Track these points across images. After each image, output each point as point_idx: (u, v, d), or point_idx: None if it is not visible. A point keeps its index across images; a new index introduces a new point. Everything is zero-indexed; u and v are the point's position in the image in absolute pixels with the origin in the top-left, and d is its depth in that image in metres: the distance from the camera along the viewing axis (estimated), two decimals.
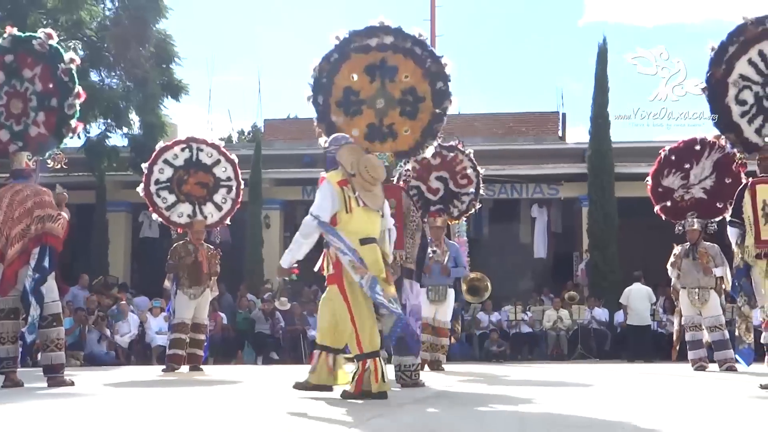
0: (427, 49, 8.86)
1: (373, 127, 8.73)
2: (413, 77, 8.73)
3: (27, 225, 8.67)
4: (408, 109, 8.74)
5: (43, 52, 9.36)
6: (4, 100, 9.36)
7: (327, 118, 8.80)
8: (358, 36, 8.76)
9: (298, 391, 7.34)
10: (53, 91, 9.31)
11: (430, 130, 8.83)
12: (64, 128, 9.37)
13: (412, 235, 8.46)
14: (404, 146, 8.82)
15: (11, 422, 5.70)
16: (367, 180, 7.06)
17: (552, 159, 23.33)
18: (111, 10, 21.35)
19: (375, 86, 8.74)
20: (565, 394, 7.99)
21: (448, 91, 8.78)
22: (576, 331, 19.62)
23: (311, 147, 24.12)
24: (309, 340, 19.56)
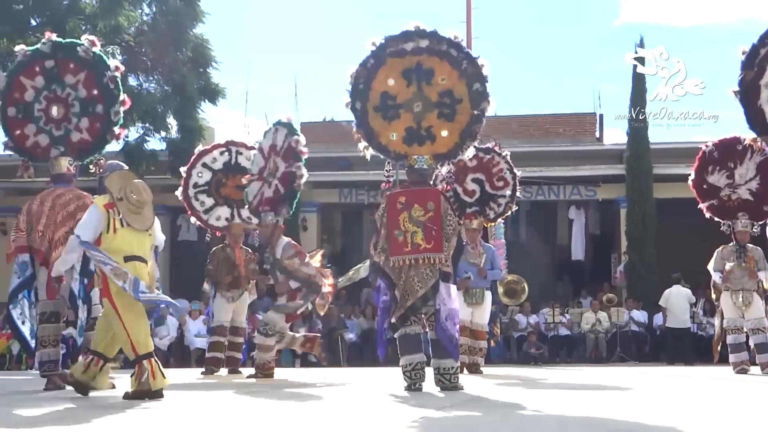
0: (463, 50, 8.80)
1: (412, 130, 8.69)
2: (450, 79, 8.68)
3: (70, 228, 8.74)
4: (446, 111, 8.68)
5: (87, 59, 9.44)
6: (43, 105, 9.44)
7: (365, 124, 8.78)
8: (393, 41, 8.72)
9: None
10: (98, 98, 9.39)
11: (469, 132, 8.77)
12: (109, 134, 9.46)
13: (449, 238, 8.45)
14: (443, 149, 8.77)
15: (53, 425, 5.75)
16: (132, 203, 7.72)
17: (589, 160, 23.20)
18: (148, 15, 21.49)
19: (412, 90, 8.69)
20: (605, 398, 7.94)
21: (486, 92, 8.71)
22: (614, 333, 19.53)
23: (348, 150, 24.15)
24: (347, 342, 19.62)
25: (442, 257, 8.34)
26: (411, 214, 8.37)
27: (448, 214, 8.49)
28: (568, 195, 23.30)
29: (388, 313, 8.50)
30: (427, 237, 8.30)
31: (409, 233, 8.33)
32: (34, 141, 9.43)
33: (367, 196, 23.03)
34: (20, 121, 9.48)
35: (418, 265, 8.29)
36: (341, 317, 20.13)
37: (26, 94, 9.47)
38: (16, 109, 9.50)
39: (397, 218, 8.40)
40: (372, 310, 20.61)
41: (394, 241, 8.38)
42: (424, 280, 8.27)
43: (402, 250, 8.33)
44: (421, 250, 8.29)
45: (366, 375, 12.86)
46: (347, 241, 25.74)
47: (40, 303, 8.94)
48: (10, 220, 23.27)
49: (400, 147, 8.72)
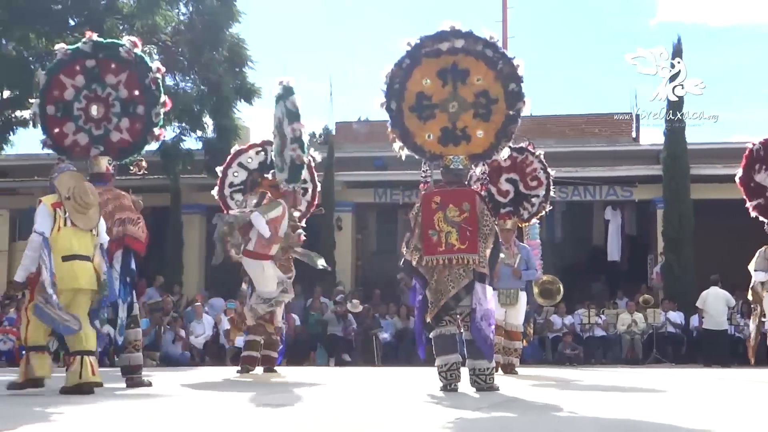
0: (498, 51, 8.79)
1: (447, 130, 8.69)
2: (485, 79, 8.67)
3: (108, 228, 8.81)
4: (481, 111, 8.68)
5: (129, 60, 9.48)
6: (83, 104, 9.49)
7: (400, 124, 8.79)
8: (429, 41, 8.73)
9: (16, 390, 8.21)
10: (139, 99, 9.43)
11: (505, 132, 8.77)
12: (149, 135, 9.51)
13: (485, 238, 8.43)
14: (478, 149, 8.77)
15: (92, 422, 5.79)
16: (80, 203, 8.12)
17: (626, 161, 23.07)
18: (185, 15, 21.59)
19: (447, 90, 8.70)
20: (641, 401, 7.89)
21: (522, 93, 8.71)
22: (651, 334, 19.38)
23: (383, 150, 24.16)
24: (381, 342, 19.62)
25: (476, 258, 8.33)
26: (446, 214, 8.37)
27: (485, 215, 8.47)
28: (604, 195, 23.17)
29: (423, 312, 8.51)
30: (462, 237, 8.30)
31: (443, 233, 8.33)
32: (73, 140, 9.48)
33: (402, 196, 23.02)
34: (59, 119, 9.53)
35: (451, 265, 8.29)
36: (376, 317, 20.14)
37: (66, 92, 9.51)
38: (55, 108, 9.55)
39: (431, 218, 8.39)
40: (407, 309, 20.60)
41: (428, 241, 8.37)
42: (457, 280, 8.27)
43: (436, 250, 8.33)
44: (455, 250, 8.29)
45: (401, 375, 12.86)
46: (382, 241, 25.75)
47: None
48: None
49: (436, 147, 8.72)
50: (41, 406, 6.89)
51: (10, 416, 6.08)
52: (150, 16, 19.85)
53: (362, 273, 24.81)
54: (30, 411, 6.52)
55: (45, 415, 6.22)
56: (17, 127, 21.91)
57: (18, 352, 18.08)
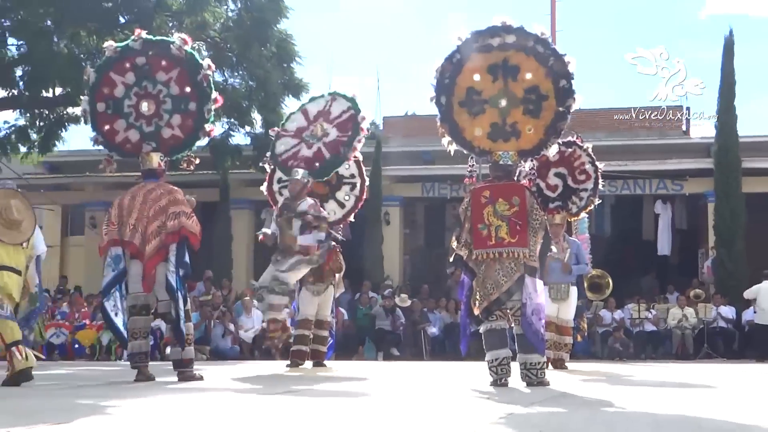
0: (549, 47, 8.70)
1: (497, 126, 8.63)
2: (536, 76, 8.60)
3: (162, 222, 8.88)
4: (531, 107, 8.61)
5: (180, 57, 9.53)
6: (133, 101, 9.56)
7: (450, 119, 8.73)
8: (480, 36, 8.66)
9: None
10: (191, 96, 9.47)
11: (554, 129, 8.69)
12: (201, 132, 9.57)
13: (535, 233, 8.40)
14: (528, 145, 8.71)
15: (146, 416, 5.85)
16: (5, 220, 8.71)
17: (676, 154, 22.88)
18: (233, 11, 21.70)
19: (498, 86, 8.63)
20: (695, 396, 7.81)
21: (572, 89, 8.61)
22: (702, 329, 19.21)
23: (430, 144, 24.17)
24: (429, 336, 19.63)
25: (527, 252, 8.29)
26: (495, 208, 8.33)
27: (534, 209, 8.44)
28: (654, 189, 23.01)
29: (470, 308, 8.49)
30: (512, 231, 8.26)
31: (493, 227, 8.29)
32: (124, 136, 9.54)
33: (449, 191, 23.03)
34: (109, 116, 9.58)
35: (502, 259, 8.25)
36: (424, 311, 20.14)
37: (116, 90, 9.56)
38: (105, 105, 9.62)
39: (481, 212, 8.36)
40: (455, 304, 20.59)
41: (477, 235, 8.34)
42: (509, 274, 8.23)
43: (486, 244, 8.30)
44: (505, 244, 8.25)
45: (450, 369, 12.85)
46: (430, 235, 25.75)
47: (130, 296, 9.08)
48: (99, 214, 23.91)
49: (485, 143, 8.67)
50: (94, 399, 6.97)
51: (64, 410, 6.16)
52: (199, 12, 19.96)
53: (410, 267, 24.84)
54: (83, 405, 6.60)
55: (99, 408, 6.29)
56: (69, 124, 22.17)
57: (71, 346, 18.37)
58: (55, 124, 21.94)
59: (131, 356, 9.21)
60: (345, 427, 5.23)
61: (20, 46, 20.88)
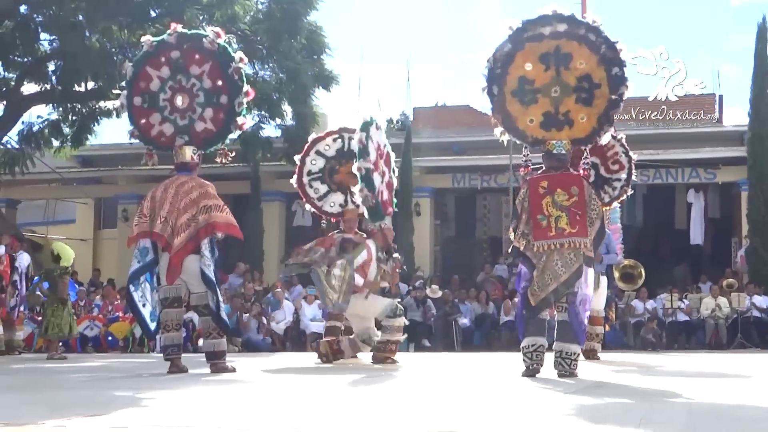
0: (601, 35, 8.61)
1: (549, 115, 8.61)
2: (588, 64, 8.56)
3: (193, 215, 8.92)
4: (584, 96, 8.58)
5: (213, 50, 9.56)
6: (168, 95, 9.61)
7: (503, 108, 8.70)
8: (531, 25, 8.63)
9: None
10: (223, 89, 9.50)
11: (607, 117, 8.67)
12: (233, 125, 9.60)
13: (593, 222, 8.40)
14: (581, 133, 8.69)
15: (180, 408, 5.89)
16: None
17: (709, 142, 22.70)
18: (263, 3, 21.71)
19: (550, 74, 8.59)
20: (730, 386, 7.77)
21: (624, 77, 8.59)
22: (735, 319, 19.05)
23: (460, 135, 24.18)
24: (460, 327, 19.61)
25: (587, 242, 8.29)
26: (554, 199, 8.31)
27: (593, 199, 8.46)
28: (686, 178, 22.85)
29: (527, 301, 8.44)
30: (572, 221, 8.24)
31: (552, 218, 8.27)
32: (159, 130, 9.60)
33: (480, 181, 23.00)
34: (145, 110, 9.66)
35: (562, 250, 8.21)
36: (455, 302, 20.12)
37: (152, 84, 9.62)
38: (141, 99, 9.68)
39: (540, 203, 8.33)
40: (486, 295, 20.58)
41: (537, 226, 8.30)
42: (568, 265, 8.19)
43: (546, 235, 8.25)
44: (566, 234, 8.22)
45: (481, 360, 12.84)
46: (460, 226, 25.72)
47: (162, 288, 9.14)
48: (132, 207, 24.07)
49: (538, 132, 8.64)
50: (128, 391, 7.03)
51: (99, 402, 6.21)
52: (229, 5, 20.01)
53: (441, 258, 24.83)
54: (117, 397, 6.66)
55: (133, 399, 6.35)
56: (101, 118, 22.35)
57: (104, 338, 18.51)
58: (87, 117, 22.12)
59: (164, 348, 9.27)
60: (380, 416, 5.24)
61: (53, 41, 21.06)
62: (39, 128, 22.03)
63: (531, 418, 5.11)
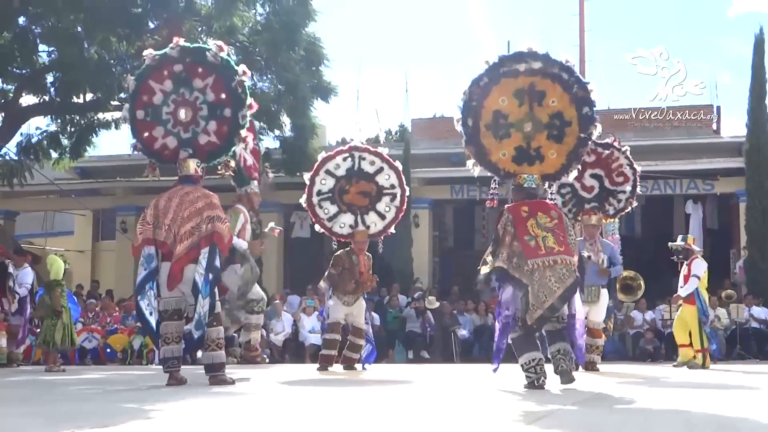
0: (574, 74, 8.82)
1: (522, 149, 8.73)
2: (560, 102, 8.70)
3: (196, 224, 8.92)
4: (555, 132, 8.72)
5: (216, 64, 9.58)
6: (171, 108, 9.63)
7: (476, 141, 8.77)
8: (507, 60, 8.74)
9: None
10: (226, 102, 9.51)
11: (576, 154, 8.83)
12: (236, 138, 9.62)
13: (574, 248, 8.50)
14: (551, 169, 8.81)
15: (180, 420, 5.88)
16: None
17: (707, 153, 22.72)
18: (262, 15, 21.75)
19: (524, 110, 8.70)
20: (729, 397, 7.76)
21: (594, 117, 8.77)
22: (734, 330, 19.04)
23: (459, 146, 24.09)
24: (459, 338, 19.59)
25: (575, 260, 8.40)
26: (537, 221, 8.40)
27: (569, 227, 8.63)
28: (684, 189, 22.87)
29: (507, 330, 8.42)
30: (558, 241, 8.33)
31: (540, 238, 8.33)
32: (162, 143, 9.60)
33: (478, 192, 22.99)
34: (148, 123, 9.66)
35: (555, 266, 8.23)
36: (454, 313, 20.12)
37: (155, 97, 9.64)
38: (144, 112, 9.70)
39: (524, 225, 8.39)
40: (485, 306, 20.55)
41: (526, 246, 8.32)
42: (562, 280, 8.20)
43: (537, 254, 8.27)
44: (555, 252, 8.27)
45: (481, 372, 12.81)
46: (459, 237, 25.72)
47: (162, 300, 9.12)
48: (130, 219, 24.09)
49: (510, 165, 8.74)
50: (127, 403, 7.03)
51: (98, 414, 6.20)
52: (228, 17, 20.04)
53: (440, 270, 24.82)
54: (117, 409, 6.65)
55: (133, 411, 6.34)
56: (100, 129, 22.36)
57: (102, 350, 18.49)
58: (86, 129, 22.13)
59: (164, 360, 9.23)
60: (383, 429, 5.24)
61: (51, 52, 21.08)
62: (37, 140, 22.04)
63: (530, 430, 5.11)
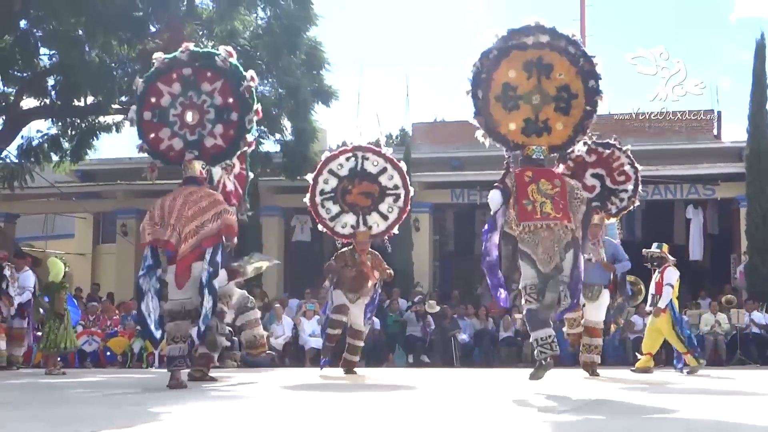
0: (580, 48, 9.04)
1: (530, 121, 8.95)
2: (567, 75, 8.94)
3: (201, 223, 9.02)
4: (562, 105, 8.97)
5: (225, 68, 9.71)
6: (178, 111, 9.72)
7: (486, 112, 8.98)
8: (516, 34, 8.95)
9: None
10: (233, 106, 9.64)
11: (581, 126, 9.08)
12: (242, 141, 9.72)
13: (577, 209, 8.89)
14: (558, 141, 9.06)
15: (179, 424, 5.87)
16: None
17: (707, 158, 22.72)
18: (263, 19, 21.76)
19: (532, 82, 8.92)
20: (730, 402, 7.75)
21: (599, 89, 8.99)
22: (734, 335, 19.02)
23: (459, 150, 24.15)
24: (459, 343, 19.56)
25: (572, 225, 8.65)
26: (539, 187, 8.66)
27: (575, 189, 8.90)
28: (685, 194, 22.87)
29: (497, 269, 8.84)
30: (556, 208, 8.60)
31: (537, 203, 8.61)
32: (168, 144, 9.73)
33: (479, 196, 22.94)
34: (155, 125, 9.78)
35: (550, 229, 8.55)
36: (454, 318, 20.09)
37: (162, 99, 9.77)
38: (151, 114, 9.79)
39: (525, 189, 8.63)
40: (485, 311, 20.52)
41: (522, 210, 8.59)
42: (559, 240, 8.57)
43: (532, 217, 8.58)
44: (551, 218, 8.57)
45: (481, 376, 12.82)
46: (459, 242, 25.69)
47: (170, 301, 9.16)
48: (131, 222, 24.09)
49: (518, 137, 8.97)
50: (127, 406, 7.02)
51: (98, 417, 6.20)
52: (229, 21, 20.05)
53: (440, 274, 24.81)
54: (117, 412, 6.65)
55: (134, 414, 6.33)
56: (100, 132, 22.34)
57: (102, 353, 18.47)
58: (86, 132, 22.10)
59: (170, 359, 9.23)
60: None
61: (52, 55, 21.09)
62: (38, 143, 22.03)
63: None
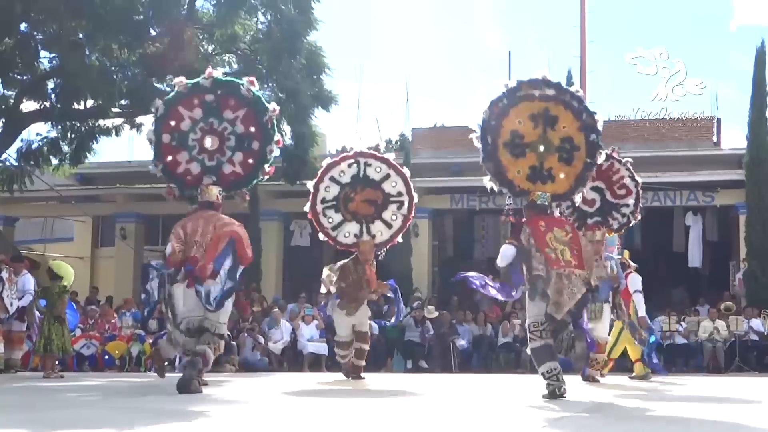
0: (582, 103, 9.45)
1: (535, 169, 9.25)
2: (570, 128, 9.31)
3: (218, 237, 9.10)
4: (565, 156, 9.32)
5: (248, 97, 9.81)
6: (198, 136, 9.77)
7: (495, 157, 9.25)
8: (524, 85, 9.32)
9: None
10: (255, 135, 9.73)
11: (582, 178, 9.44)
12: (261, 171, 9.80)
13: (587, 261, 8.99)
14: (561, 189, 9.36)
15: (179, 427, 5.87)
16: None
17: (707, 165, 22.72)
18: (263, 23, 21.72)
19: (538, 132, 9.25)
20: (728, 410, 7.76)
21: (599, 144, 9.43)
22: (733, 342, 19.01)
23: (459, 156, 24.14)
24: (458, 349, 19.55)
25: (588, 273, 8.83)
26: (555, 235, 8.89)
27: (582, 241, 9.15)
28: (684, 201, 22.86)
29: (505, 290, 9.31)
30: (573, 255, 8.83)
31: (558, 251, 8.79)
32: (186, 168, 9.81)
33: (478, 202, 22.97)
34: (173, 148, 9.85)
35: (571, 277, 8.69)
36: (453, 323, 20.07)
37: (182, 123, 9.84)
38: (170, 137, 9.84)
39: (544, 239, 8.83)
40: (484, 316, 20.50)
41: (548, 258, 8.74)
42: (579, 290, 8.67)
43: (559, 264, 8.72)
44: (572, 265, 8.76)
45: (480, 382, 12.81)
46: (459, 247, 25.68)
47: (186, 319, 9.09)
48: (130, 226, 24.11)
49: (524, 183, 9.24)
50: (128, 409, 7.01)
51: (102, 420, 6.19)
52: (229, 25, 20.06)
53: (439, 279, 24.80)
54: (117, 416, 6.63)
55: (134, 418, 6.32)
56: (100, 136, 22.33)
57: (101, 357, 18.46)
58: (86, 136, 22.07)
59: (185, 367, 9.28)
60: None
61: (52, 59, 21.08)
62: (38, 146, 21.98)
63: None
